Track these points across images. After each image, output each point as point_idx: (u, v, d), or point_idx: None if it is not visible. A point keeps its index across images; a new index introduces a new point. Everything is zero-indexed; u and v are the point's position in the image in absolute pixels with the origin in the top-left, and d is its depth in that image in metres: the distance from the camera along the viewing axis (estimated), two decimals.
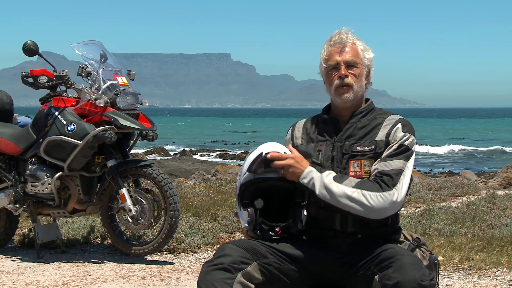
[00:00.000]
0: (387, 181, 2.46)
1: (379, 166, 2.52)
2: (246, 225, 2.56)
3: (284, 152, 2.55)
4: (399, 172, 2.49)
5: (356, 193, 2.44)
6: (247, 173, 2.55)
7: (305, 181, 2.49)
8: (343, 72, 2.62)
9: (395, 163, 2.50)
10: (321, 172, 2.50)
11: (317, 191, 2.47)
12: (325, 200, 2.47)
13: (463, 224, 5.94)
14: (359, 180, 2.49)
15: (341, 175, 2.51)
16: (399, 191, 2.47)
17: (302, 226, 2.55)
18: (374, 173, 2.51)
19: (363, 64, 2.66)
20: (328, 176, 2.48)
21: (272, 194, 2.59)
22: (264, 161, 2.54)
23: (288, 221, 2.55)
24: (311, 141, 2.68)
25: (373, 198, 2.43)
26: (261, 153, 2.55)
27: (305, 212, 2.58)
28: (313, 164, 2.57)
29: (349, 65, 2.63)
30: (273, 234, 2.55)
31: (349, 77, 2.62)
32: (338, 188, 2.45)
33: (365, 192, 2.44)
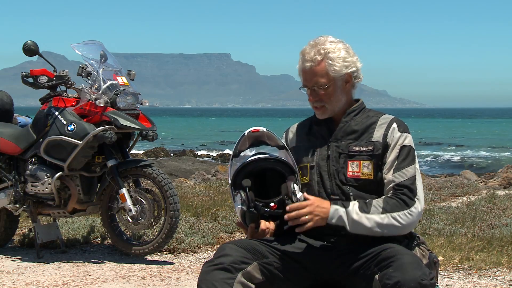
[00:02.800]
0: (409, 194, 2.48)
1: (394, 177, 2.52)
2: (240, 206, 2.49)
3: (265, 130, 2.56)
4: (414, 179, 2.52)
5: (387, 219, 2.45)
6: (235, 163, 2.55)
7: (334, 221, 2.47)
8: (311, 98, 2.63)
9: (409, 171, 2.52)
10: (344, 206, 2.48)
11: (348, 228, 2.47)
12: (358, 233, 2.47)
13: (463, 224, 5.94)
14: (382, 201, 2.48)
15: (365, 202, 2.49)
16: (420, 200, 2.50)
17: (297, 200, 2.49)
18: (391, 185, 2.51)
19: (334, 78, 2.60)
20: (354, 208, 2.47)
21: (265, 176, 2.56)
22: (247, 139, 2.56)
23: (282, 195, 2.49)
24: (306, 142, 2.68)
25: (403, 218, 2.46)
26: (244, 133, 2.57)
27: (299, 187, 2.52)
28: (333, 201, 2.51)
29: (318, 87, 2.60)
30: (269, 209, 2.49)
31: (318, 100, 2.61)
32: (369, 220, 2.45)
33: (394, 214, 2.45)
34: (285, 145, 2.62)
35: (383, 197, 2.52)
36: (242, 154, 2.57)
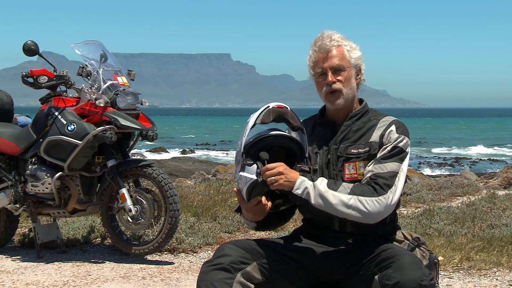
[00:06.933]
0: (382, 184, 2.45)
1: (373, 168, 2.50)
2: (255, 177, 2.42)
3: (289, 108, 2.52)
4: (394, 174, 2.48)
5: (353, 200, 2.41)
6: (251, 130, 2.47)
7: (299, 191, 2.43)
8: (330, 79, 2.59)
9: (390, 166, 2.49)
10: (313, 180, 2.46)
11: (312, 201, 2.43)
12: (321, 209, 2.44)
13: (463, 224, 5.93)
14: (352, 185, 2.47)
15: (334, 181, 2.48)
16: (394, 194, 2.46)
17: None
18: (369, 175, 2.49)
19: (351, 65, 2.62)
20: (322, 183, 2.44)
21: (276, 155, 2.51)
22: (272, 112, 2.49)
23: None
24: (309, 143, 2.65)
25: (369, 203, 2.41)
26: (268, 105, 2.52)
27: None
28: (302, 172, 2.49)
29: (336, 70, 2.60)
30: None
31: (337, 83, 2.60)
32: (334, 196, 2.42)
33: (361, 198, 2.42)
34: (303, 128, 2.57)
35: (356, 183, 2.50)
36: (257, 126, 2.50)
